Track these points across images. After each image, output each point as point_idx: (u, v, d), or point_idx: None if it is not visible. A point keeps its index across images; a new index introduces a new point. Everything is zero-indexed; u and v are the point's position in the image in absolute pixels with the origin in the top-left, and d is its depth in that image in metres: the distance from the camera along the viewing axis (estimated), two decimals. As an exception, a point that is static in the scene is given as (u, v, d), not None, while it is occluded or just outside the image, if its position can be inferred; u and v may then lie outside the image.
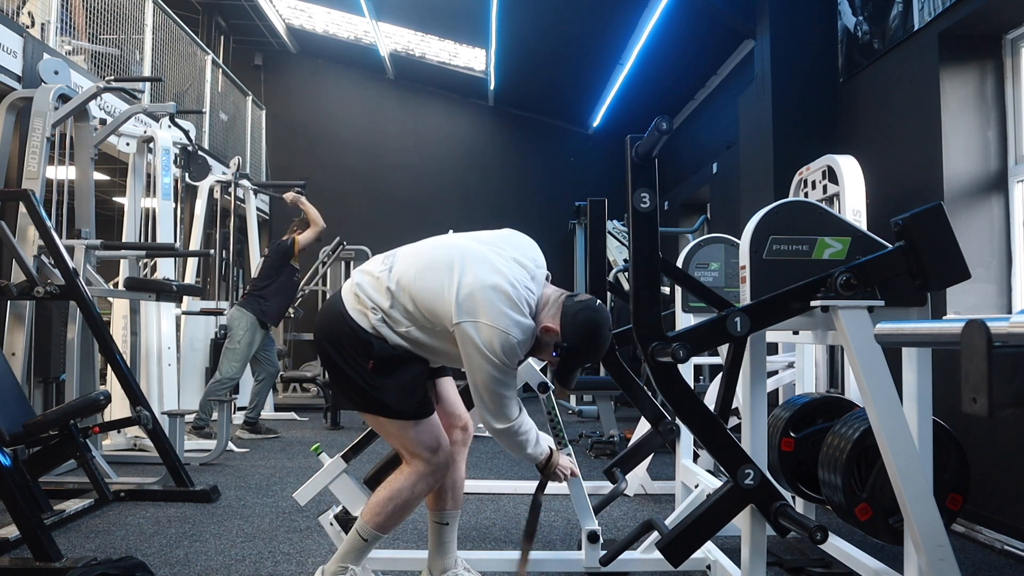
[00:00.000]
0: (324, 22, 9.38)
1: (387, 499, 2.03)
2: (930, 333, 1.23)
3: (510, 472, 4.32)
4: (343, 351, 1.98)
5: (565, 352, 1.97)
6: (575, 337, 1.95)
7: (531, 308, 1.96)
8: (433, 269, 1.97)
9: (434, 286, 1.94)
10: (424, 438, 2.03)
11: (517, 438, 2.04)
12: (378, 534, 2.04)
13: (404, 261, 2.04)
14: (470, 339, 1.87)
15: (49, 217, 3.63)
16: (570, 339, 1.95)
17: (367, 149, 10.28)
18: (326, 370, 2.10)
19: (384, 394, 1.97)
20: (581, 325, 1.95)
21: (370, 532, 2.03)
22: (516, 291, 1.92)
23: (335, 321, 2.01)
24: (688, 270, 3.27)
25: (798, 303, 1.80)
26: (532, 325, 1.95)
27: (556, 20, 7.42)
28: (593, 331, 1.96)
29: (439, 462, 2.05)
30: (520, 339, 1.90)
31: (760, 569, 1.81)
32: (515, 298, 1.91)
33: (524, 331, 1.92)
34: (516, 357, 1.92)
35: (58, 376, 4.08)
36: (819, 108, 4.53)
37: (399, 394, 1.98)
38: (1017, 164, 3.37)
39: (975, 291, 3.32)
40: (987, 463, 2.97)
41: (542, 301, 2.00)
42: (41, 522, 2.41)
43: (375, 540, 2.06)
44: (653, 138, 1.76)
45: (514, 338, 1.88)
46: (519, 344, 1.90)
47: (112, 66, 6.02)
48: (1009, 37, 3.40)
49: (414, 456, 2.04)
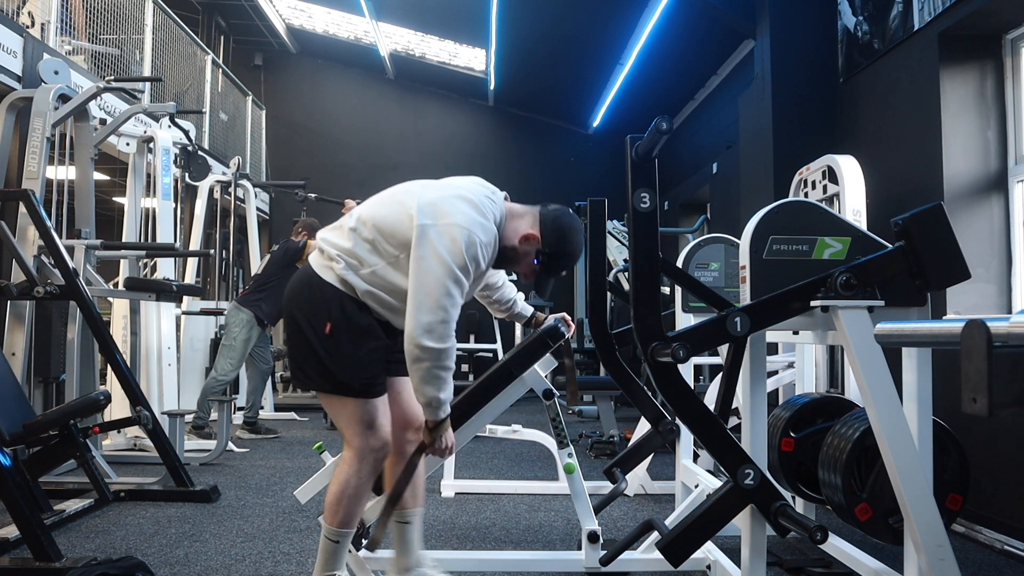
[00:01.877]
0: (324, 22, 9.38)
1: (338, 494, 2.01)
2: (930, 333, 1.23)
3: (510, 472, 4.32)
4: (305, 312, 1.96)
5: (546, 258, 2.03)
6: (556, 243, 2.02)
7: (495, 217, 1.99)
8: (394, 200, 2.00)
9: (396, 209, 1.96)
10: (362, 416, 1.98)
11: (438, 367, 1.85)
12: (345, 531, 2.03)
13: (365, 205, 2.07)
14: (428, 242, 1.84)
15: (49, 217, 3.63)
16: (551, 245, 2.02)
17: (367, 149, 10.28)
18: (288, 344, 2.07)
19: (336, 363, 1.93)
20: (561, 230, 2.03)
21: (336, 532, 2.03)
22: (480, 199, 1.96)
23: (301, 283, 2.02)
24: (688, 270, 3.27)
25: (798, 303, 1.80)
26: (495, 231, 1.97)
27: (556, 20, 7.42)
28: (571, 232, 2.05)
29: (374, 442, 1.99)
30: (483, 240, 1.90)
31: (760, 569, 1.81)
32: (479, 204, 1.94)
33: (487, 234, 1.93)
34: (476, 261, 1.89)
35: (58, 376, 4.08)
36: (819, 108, 4.53)
37: (351, 366, 1.94)
38: (1017, 164, 3.37)
39: (975, 291, 3.32)
40: (987, 463, 2.97)
41: (508, 213, 2.04)
42: (41, 522, 2.41)
43: (346, 538, 2.05)
44: (653, 138, 1.75)
45: (477, 237, 1.87)
46: (482, 245, 1.89)
47: (112, 66, 6.02)
48: (1009, 37, 3.40)
49: (351, 438, 2.01)
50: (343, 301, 1.94)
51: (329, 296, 1.94)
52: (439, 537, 2.94)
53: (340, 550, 2.05)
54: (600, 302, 2.57)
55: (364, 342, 1.95)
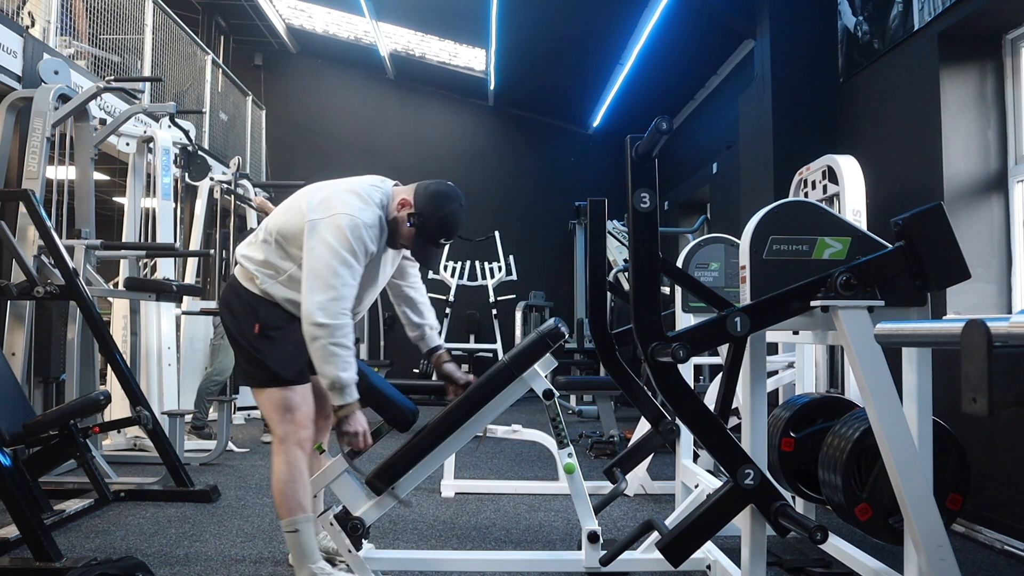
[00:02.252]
0: (324, 22, 9.37)
1: (276, 485, 2.16)
2: (930, 333, 1.23)
3: (510, 472, 4.32)
4: (237, 317, 2.20)
5: (419, 220, 2.17)
6: (427, 206, 2.17)
7: (380, 201, 2.18)
8: (293, 205, 2.22)
9: (294, 214, 2.17)
10: (282, 402, 2.15)
11: (332, 342, 2.01)
12: (301, 517, 2.14)
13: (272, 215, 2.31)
14: (317, 233, 2.06)
15: (49, 217, 3.63)
16: (421, 208, 2.17)
17: (367, 149, 10.27)
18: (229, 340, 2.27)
19: (268, 357, 2.14)
20: (432, 194, 2.20)
21: (289, 522, 2.14)
22: (363, 189, 2.17)
23: (230, 294, 2.26)
24: (688, 270, 3.27)
25: (798, 303, 1.80)
26: (380, 214, 2.15)
27: (556, 20, 7.42)
28: (443, 199, 2.20)
29: (293, 427, 2.16)
30: (366, 222, 2.09)
31: (760, 569, 1.81)
32: (362, 193, 2.15)
33: (370, 216, 2.11)
34: (362, 241, 2.07)
35: (58, 376, 4.08)
36: (819, 108, 4.53)
37: (281, 358, 2.14)
38: (1017, 164, 3.37)
39: (975, 291, 3.32)
40: (987, 463, 2.97)
41: (394, 194, 2.24)
42: (41, 522, 2.41)
43: (304, 524, 2.14)
44: (653, 138, 1.75)
45: (360, 220, 2.07)
46: (366, 227, 2.08)
47: (112, 67, 6.02)
48: (1009, 37, 3.40)
49: (275, 426, 2.19)
50: (266, 305, 2.18)
51: (255, 303, 2.19)
52: (439, 537, 2.95)
53: (305, 539, 2.14)
54: (600, 302, 2.57)
55: (290, 336, 2.15)
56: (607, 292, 2.99)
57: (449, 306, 8.26)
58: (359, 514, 2.21)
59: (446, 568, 2.47)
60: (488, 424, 2.39)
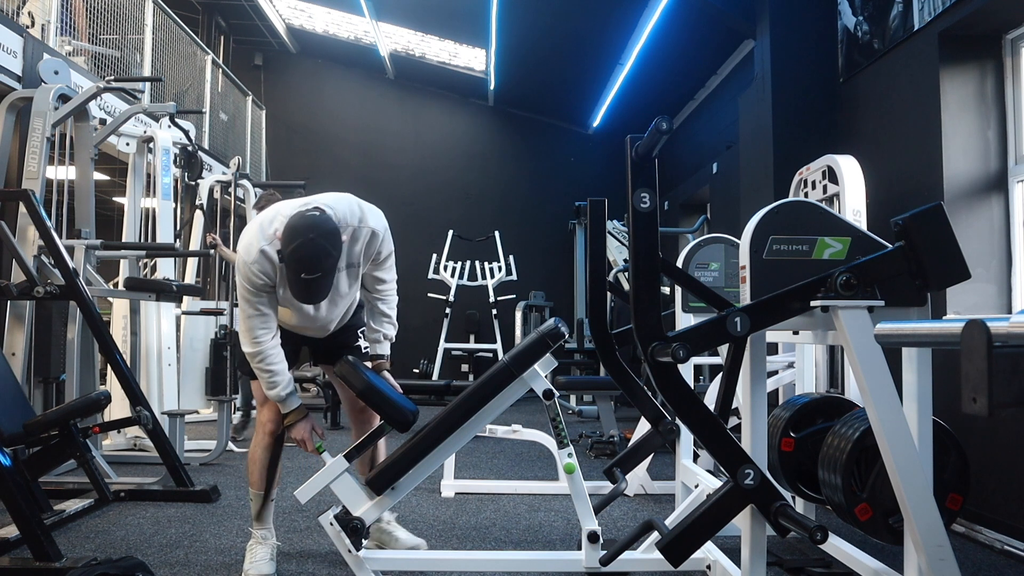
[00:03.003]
0: (324, 22, 9.37)
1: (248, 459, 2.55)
2: (930, 333, 1.23)
3: (510, 472, 4.32)
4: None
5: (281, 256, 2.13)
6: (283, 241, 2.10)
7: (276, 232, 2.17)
8: None
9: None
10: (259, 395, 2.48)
11: (257, 366, 2.30)
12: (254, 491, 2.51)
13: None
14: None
15: (49, 217, 3.63)
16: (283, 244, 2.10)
17: (367, 149, 10.27)
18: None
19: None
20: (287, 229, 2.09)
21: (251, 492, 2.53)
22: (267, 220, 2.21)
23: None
24: (688, 270, 3.27)
25: (798, 303, 1.80)
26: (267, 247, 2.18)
27: (556, 20, 7.41)
28: (291, 233, 2.06)
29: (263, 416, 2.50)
30: (248, 260, 2.19)
31: (760, 569, 1.81)
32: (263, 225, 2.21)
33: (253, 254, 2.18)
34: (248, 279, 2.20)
35: (58, 376, 4.08)
36: (819, 108, 4.53)
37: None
38: (1017, 164, 3.37)
39: (975, 291, 3.32)
40: (987, 463, 2.97)
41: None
42: (41, 522, 2.41)
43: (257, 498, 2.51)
44: (653, 138, 1.76)
45: (243, 259, 2.21)
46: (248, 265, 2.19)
47: (112, 67, 6.02)
48: (1009, 37, 3.40)
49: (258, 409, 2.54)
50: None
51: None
52: (439, 537, 2.95)
53: (254, 507, 2.52)
54: (600, 302, 2.57)
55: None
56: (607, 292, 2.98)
57: (449, 306, 8.26)
58: (359, 514, 2.21)
59: (446, 568, 2.47)
60: (488, 424, 2.39)
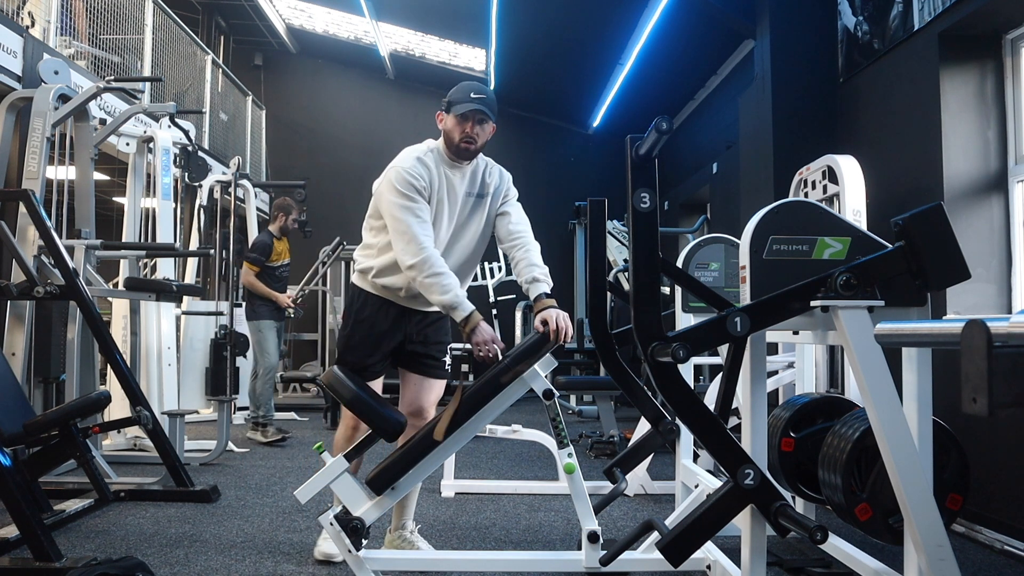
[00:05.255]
0: (324, 22, 9.37)
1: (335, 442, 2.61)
2: (930, 333, 1.23)
3: (510, 472, 4.32)
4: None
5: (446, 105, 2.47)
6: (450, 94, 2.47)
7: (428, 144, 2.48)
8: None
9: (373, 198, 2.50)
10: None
11: (425, 276, 2.27)
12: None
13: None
14: (381, 196, 2.40)
15: (49, 217, 3.63)
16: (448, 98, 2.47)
17: (367, 149, 10.26)
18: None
19: (340, 337, 2.59)
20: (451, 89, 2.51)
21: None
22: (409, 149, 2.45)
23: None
24: (688, 270, 3.27)
25: (798, 303, 1.80)
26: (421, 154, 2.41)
27: (556, 20, 7.41)
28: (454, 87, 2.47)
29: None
30: (405, 166, 2.35)
31: (760, 569, 1.81)
32: (408, 152, 2.43)
33: (409, 160, 2.38)
34: (407, 182, 2.32)
35: (58, 376, 4.08)
36: (819, 108, 4.53)
37: (344, 342, 2.54)
38: (1017, 164, 3.37)
39: (975, 291, 3.32)
40: (987, 463, 2.96)
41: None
42: (41, 522, 2.41)
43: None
44: (653, 138, 1.75)
45: (400, 166, 2.35)
46: (406, 170, 2.33)
47: (112, 67, 6.02)
48: (1009, 37, 3.40)
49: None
50: (357, 296, 2.55)
51: (352, 293, 2.59)
52: (439, 537, 2.95)
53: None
54: (600, 302, 2.57)
55: (359, 329, 2.51)
56: (607, 292, 2.98)
57: (449, 306, 8.24)
58: (359, 514, 2.21)
59: (446, 568, 2.47)
60: (488, 424, 2.39)
